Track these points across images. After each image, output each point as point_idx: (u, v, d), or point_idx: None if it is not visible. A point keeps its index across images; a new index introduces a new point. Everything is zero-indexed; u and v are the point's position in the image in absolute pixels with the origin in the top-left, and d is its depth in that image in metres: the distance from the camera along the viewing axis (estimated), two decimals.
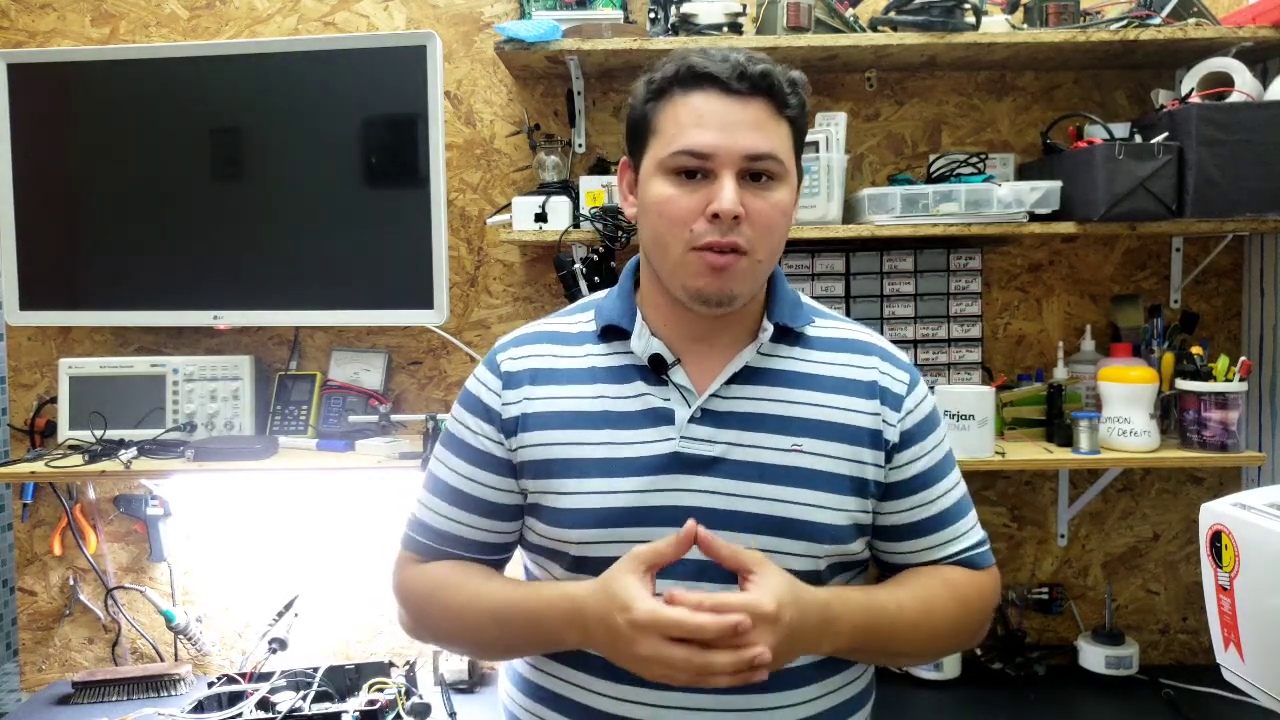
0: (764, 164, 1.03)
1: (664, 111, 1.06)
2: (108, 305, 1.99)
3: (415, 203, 1.87)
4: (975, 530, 1.17)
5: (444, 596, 1.12)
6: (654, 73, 1.08)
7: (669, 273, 1.07)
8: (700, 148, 1.02)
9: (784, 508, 1.06)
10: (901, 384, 1.14)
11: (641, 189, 1.09)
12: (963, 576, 1.14)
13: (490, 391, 1.14)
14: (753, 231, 1.03)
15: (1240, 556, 1.14)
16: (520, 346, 1.16)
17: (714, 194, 1.02)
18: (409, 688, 1.86)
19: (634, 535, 1.05)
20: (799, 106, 1.07)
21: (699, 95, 1.04)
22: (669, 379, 1.10)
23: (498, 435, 1.13)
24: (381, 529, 1.98)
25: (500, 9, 2.07)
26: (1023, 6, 1.93)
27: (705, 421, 1.08)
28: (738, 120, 1.02)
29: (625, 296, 1.16)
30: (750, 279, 1.06)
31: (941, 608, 1.10)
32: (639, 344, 1.11)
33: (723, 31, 1.83)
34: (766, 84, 1.03)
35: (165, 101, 1.93)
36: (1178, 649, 2.11)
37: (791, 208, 1.08)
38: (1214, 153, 1.71)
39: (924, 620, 1.07)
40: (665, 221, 1.05)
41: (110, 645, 2.14)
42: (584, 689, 1.08)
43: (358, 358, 2.09)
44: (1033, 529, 2.10)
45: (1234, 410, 1.77)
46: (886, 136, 2.07)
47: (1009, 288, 2.08)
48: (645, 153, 1.08)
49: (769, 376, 1.11)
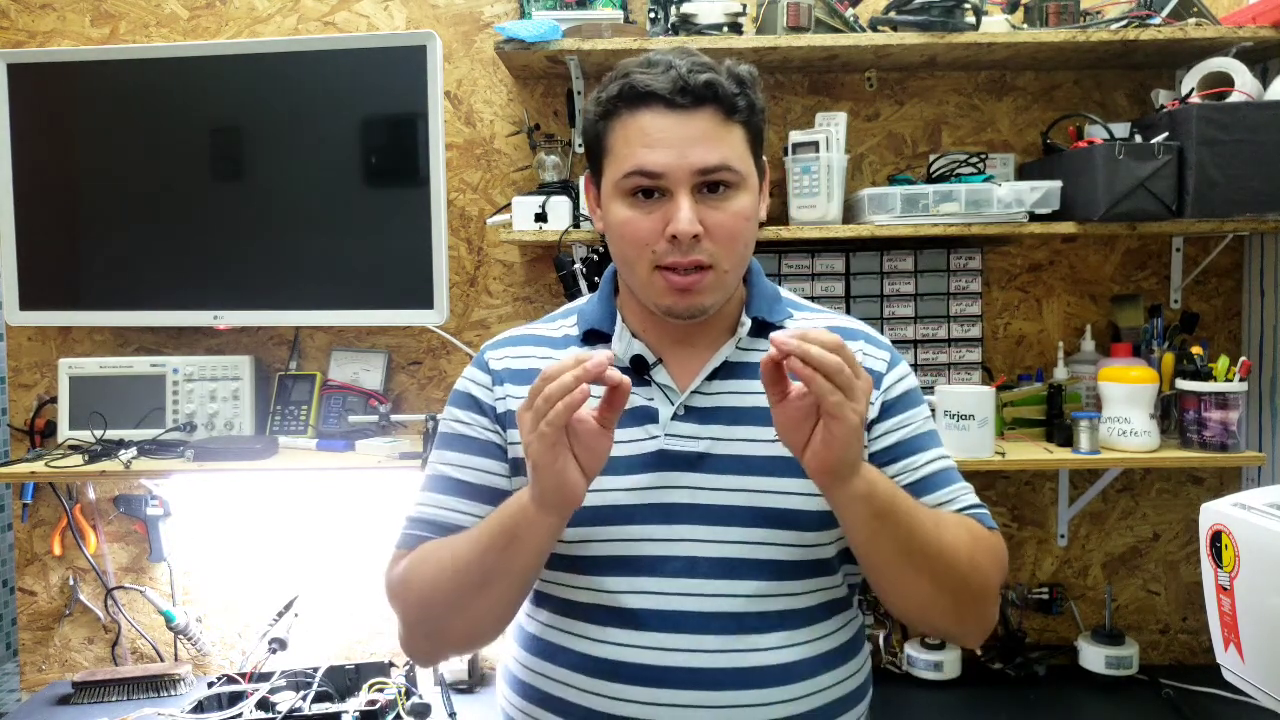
0: (718, 175, 1.03)
1: (614, 131, 1.06)
2: (108, 305, 1.99)
3: (415, 203, 1.87)
4: (970, 496, 1.14)
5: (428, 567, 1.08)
6: (601, 89, 1.07)
7: (639, 290, 1.09)
8: (650, 168, 1.02)
9: (772, 498, 1.07)
10: (881, 361, 1.15)
11: (604, 208, 1.09)
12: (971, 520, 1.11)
13: (481, 387, 1.16)
14: (715, 245, 1.03)
15: (1240, 556, 1.14)
16: (507, 347, 1.18)
17: (670, 213, 1.02)
18: (409, 688, 1.86)
19: (625, 533, 1.07)
20: (749, 107, 1.06)
21: (645, 113, 1.03)
22: (651, 379, 1.11)
23: (493, 425, 1.15)
24: (381, 529, 1.97)
25: (500, 9, 2.07)
26: (1023, 6, 1.92)
27: (688, 418, 1.09)
28: (685, 135, 1.02)
29: (606, 301, 1.17)
30: (719, 289, 1.07)
31: (953, 533, 1.05)
32: (620, 346, 1.13)
33: (723, 31, 1.83)
34: (711, 93, 1.02)
35: (165, 101, 1.93)
36: (1178, 649, 2.11)
37: (754, 211, 1.07)
38: (1214, 153, 1.71)
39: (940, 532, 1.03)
40: (628, 244, 1.05)
41: (110, 645, 2.14)
42: (579, 689, 1.08)
43: (358, 358, 2.09)
44: (1033, 529, 2.10)
45: (1234, 410, 1.76)
46: (886, 136, 2.07)
47: (1009, 288, 2.08)
48: (603, 172, 1.08)
49: (749, 370, 1.11)
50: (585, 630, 1.09)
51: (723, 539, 1.07)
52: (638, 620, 1.06)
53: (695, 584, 1.06)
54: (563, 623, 1.11)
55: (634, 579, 1.07)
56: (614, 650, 1.06)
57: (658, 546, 1.07)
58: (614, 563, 1.08)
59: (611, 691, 1.06)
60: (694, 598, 1.06)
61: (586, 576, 1.09)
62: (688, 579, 1.06)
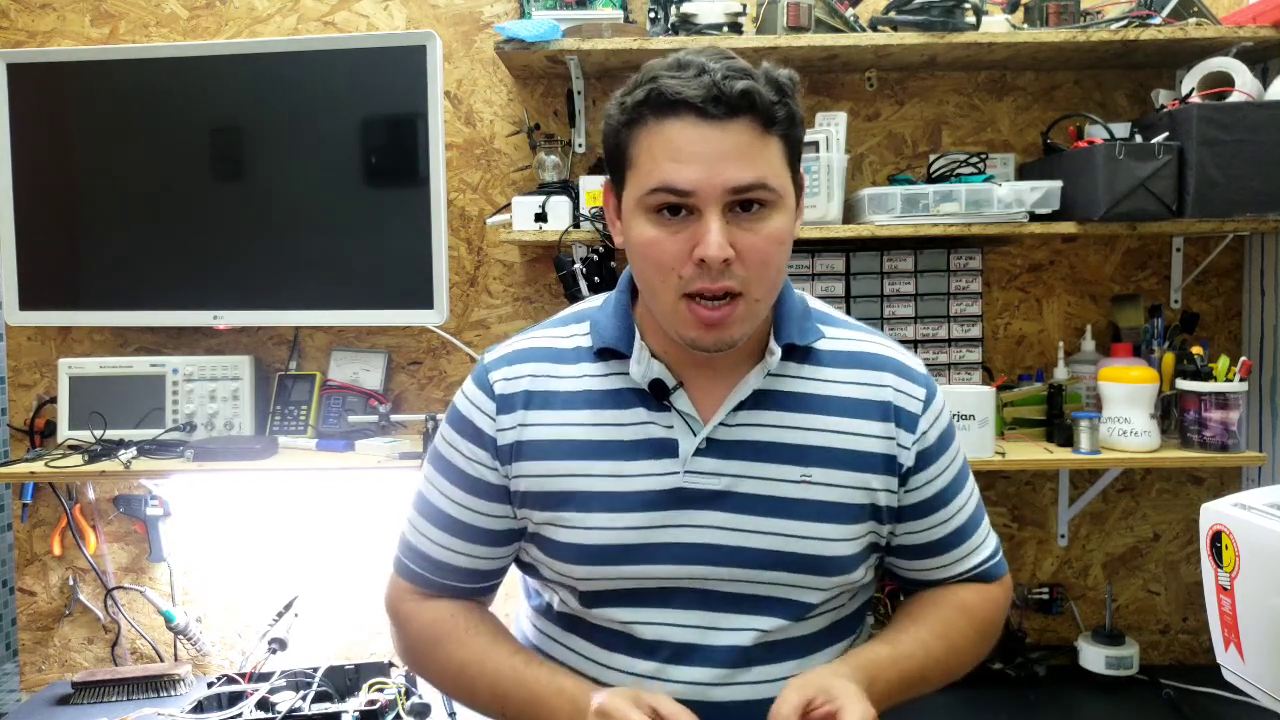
0: (753, 194, 0.94)
1: (638, 140, 0.96)
2: (108, 305, 1.98)
3: (415, 203, 1.87)
4: (989, 541, 1.16)
5: (446, 652, 1.09)
6: (626, 93, 0.98)
7: (663, 319, 1.01)
8: (679, 185, 0.92)
9: (793, 542, 1.03)
10: (917, 401, 1.09)
11: (626, 223, 1.00)
12: (977, 598, 1.13)
13: (483, 414, 1.08)
14: (746, 271, 0.94)
15: (1240, 556, 1.14)
16: (513, 365, 1.09)
17: (699, 235, 0.93)
18: (409, 688, 1.86)
19: (638, 572, 1.03)
20: (788, 117, 0.96)
21: (674, 123, 0.93)
22: (672, 405, 1.04)
23: (492, 461, 1.07)
24: (381, 529, 1.97)
25: (500, 9, 2.07)
26: (1023, 6, 1.92)
27: (711, 453, 1.03)
28: (718, 150, 0.92)
29: (622, 314, 1.08)
30: (749, 320, 0.98)
31: (961, 638, 1.10)
32: (638, 370, 1.04)
33: (723, 31, 1.83)
34: (748, 103, 0.92)
35: (165, 101, 1.93)
36: (1178, 649, 2.11)
37: (790, 233, 0.98)
38: (1214, 153, 1.71)
39: (949, 656, 1.08)
40: (651, 266, 0.97)
41: (110, 645, 2.14)
42: None
43: (358, 358, 2.09)
44: (1033, 529, 2.10)
45: (1234, 410, 1.76)
46: (887, 136, 2.07)
47: (1009, 288, 2.08)
48: (625, 184, 0.99)
49: (778, 400, 1.05)
50: (589, 651, 1.07)
51: (740, 579, 1.03)
52: (645, 648, 1.04)
53: (707, 616, 1.03)
54: (568, 639, 1.10)
55: (643, 610, 1.04)
56: (616, 676, 1.05)
57: (670, 581, 1.04)
58: (622, 597, 1.05)
59: None
60: (704, 630, 1.03)
61: (593, 607, 1.06)
62: (699, 611, 1.03)
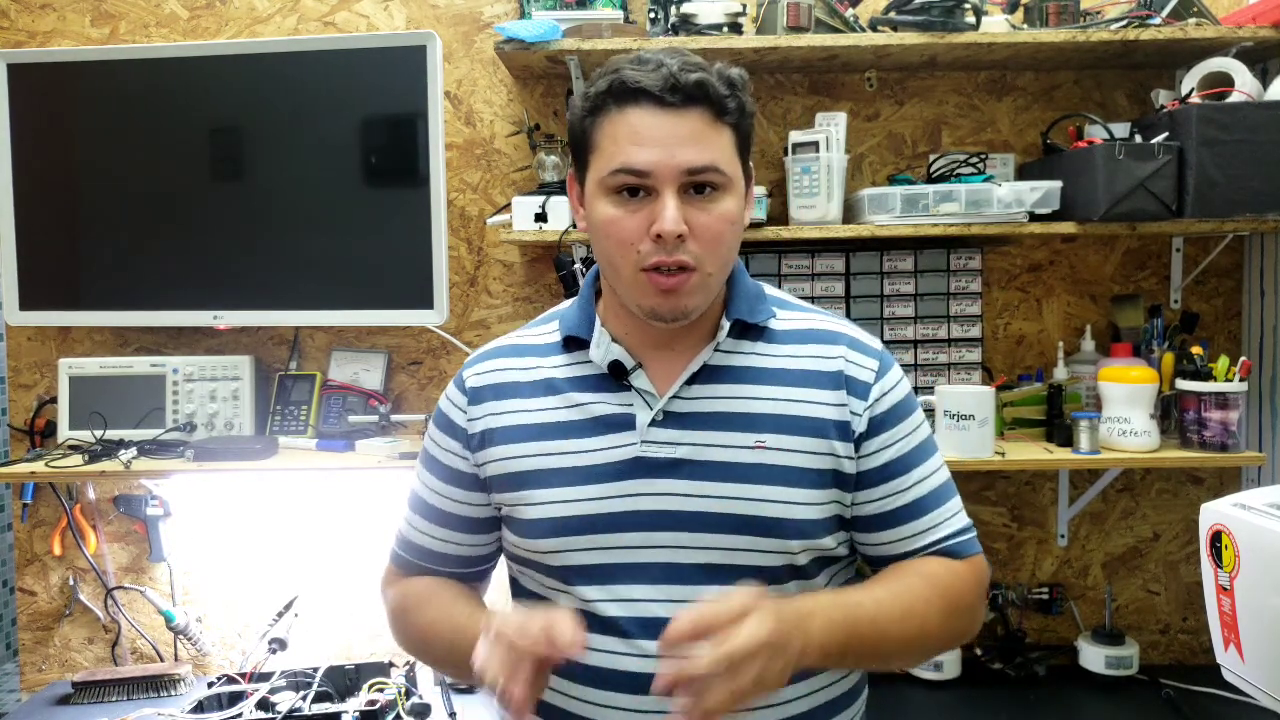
0: (705, 176, 1.02)
1: (601, 127, 1.04)
2: (108, 305, 1.99)
3: (415, 203, 1.87)
4: (957, 518, 1.14)
5: (413, 616, 1.17)
6: (590, 85, 1.06)
7: (623, 291, 1.08)
8: (638, 165, 1.01)
9: (750, 505, 1.06)
10: (869, 370, 1.11)
11: (588, 206, 1.08)
12: (941, 568, 1.10)
13: (456, 408, 1.16)
14: (699, 247, 1.02)
15: (1240, 556, 1.14)
16: (486, 361, 1.18)
17: (656, 212, 1.01)
18: (409, 688, 1.86)
19: (604, 541, 1.07)
20: (739, 109, 1.05)
21: (634, 110, 1.02)
22: (630, 384, 1.10)
23: (463, 451, 1.15)
24: (381, 529, 1.97)
25: (500, 9, 2.07)
26: (1023, 6, 1.93)
27: (667, 424, 1.08)
28: (674, 134, 1.01)
29: (585, 306, 1.15)
30: (702, 292, 1.05)
31: (922, 602, 1.06)
32: (597, 353, 1.11)
33: (723, 31, 1.83)
34: (702, 93, 1.01)
35: (165, 101, 1.93)
36: (1178, 649, 2.11)
37: (740, 215, 1.06)
38: (1214, 153, 1.71)
39: (907, 616, 1.04)
40: (612, 243, 1.04)
41: (110, 645, 2.14)
42: (568, 695, 1.08)
43: (358, 358, 2.09)
44: (1033, 529, 2.10)
45: (1234, 410, 1.76)
46: (886, 136, 2.07)
47: (1009, 288, 2.08)
48: (587, 169, 1.07)
49: (729, 374, 1.10)
50: None
51: (703, 545, 1.06)
52: (619, 628, 1.06)
53: (677, 590, 1.05)
54: None
55: (613, 587, 1.06)
56: (600, 658, 1.06)
57: (636, 554, 1.06)
58: (592, 571, 1.07)
59: (599, 699, 1.06)
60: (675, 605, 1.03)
61: (566, 585, 1.09)
62: (668, 585, 1.05)
